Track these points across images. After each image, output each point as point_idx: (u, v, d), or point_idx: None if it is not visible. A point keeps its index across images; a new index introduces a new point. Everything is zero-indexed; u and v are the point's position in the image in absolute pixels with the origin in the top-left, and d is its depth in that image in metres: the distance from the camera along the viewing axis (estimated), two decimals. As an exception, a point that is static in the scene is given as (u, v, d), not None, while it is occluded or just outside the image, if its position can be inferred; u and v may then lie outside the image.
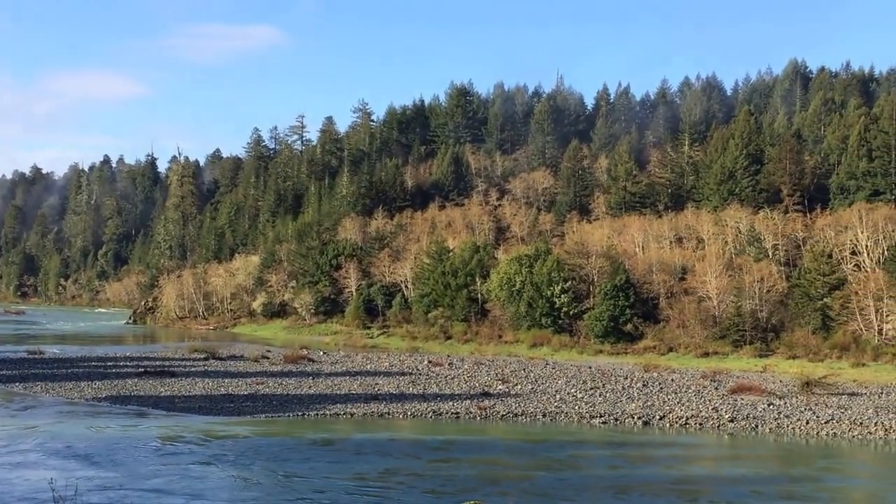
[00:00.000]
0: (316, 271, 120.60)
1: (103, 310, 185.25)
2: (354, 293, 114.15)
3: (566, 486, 35.67)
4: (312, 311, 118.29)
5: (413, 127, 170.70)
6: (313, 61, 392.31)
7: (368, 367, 72.28)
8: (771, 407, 51.79)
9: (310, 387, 59.90)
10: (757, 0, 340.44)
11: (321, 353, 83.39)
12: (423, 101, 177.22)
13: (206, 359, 76.91)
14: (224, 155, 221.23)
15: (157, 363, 73.11)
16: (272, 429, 46.12)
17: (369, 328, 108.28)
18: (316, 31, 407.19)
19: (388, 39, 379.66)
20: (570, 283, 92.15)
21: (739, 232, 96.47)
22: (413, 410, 50.93)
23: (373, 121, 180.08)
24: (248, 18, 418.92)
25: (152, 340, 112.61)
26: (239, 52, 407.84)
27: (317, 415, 49.86)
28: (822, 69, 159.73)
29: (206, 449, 40.82)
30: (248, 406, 51.94)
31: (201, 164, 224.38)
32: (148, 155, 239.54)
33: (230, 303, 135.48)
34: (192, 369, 68.75)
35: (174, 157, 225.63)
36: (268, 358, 77.94)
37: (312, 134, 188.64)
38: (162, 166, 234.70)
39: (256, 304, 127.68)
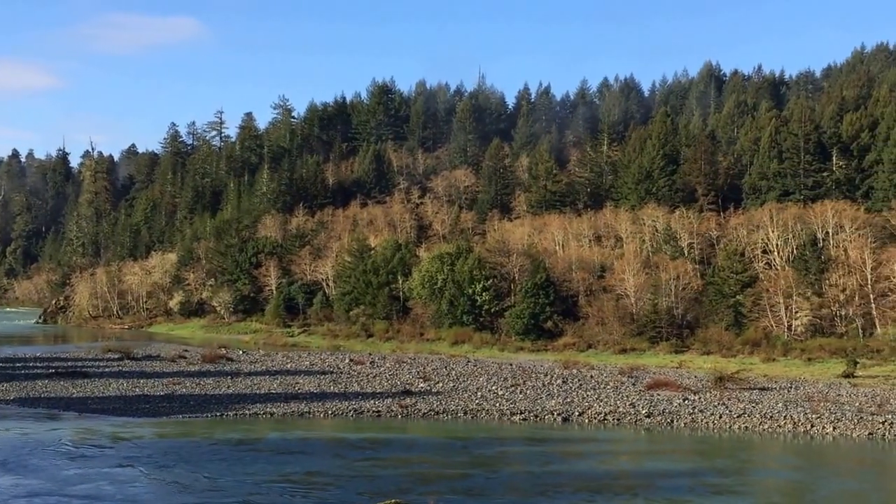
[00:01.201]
0: (235, 269, 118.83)
1: (12, 309, 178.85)
2: (275, 291, 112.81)
3: (497, 485, 35.87)
4: (231, 309, 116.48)
5: (334, 124, 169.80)
6: (233, 56, 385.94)
7: (289, 365, 71.51)
8: (686, 402, 53.00)
9: (228, 386, 59.00)
10: (674, 1, 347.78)
11: (240, 352, 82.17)
12: (344, 99, 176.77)
13: (120, 359, 75.04)
14: (140, 150, 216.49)
15: (69, 364, 70.96)
16: (190, 429, 45.29)
17: (290, 327, 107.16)
18: (236, 24, 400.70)
19: (309, 35, 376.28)
20: (491, 281, 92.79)
21: (656, 231, 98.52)
22: (334, 409, 50.61)
23: (293, 117, 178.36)
24: (168, 10, 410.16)
25: (64, 340, 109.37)
26: (157, 45, 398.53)
27: (236, 415, 49.13)
28: (736, 72, 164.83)
29: (123, 451, 39.85)
30: (164, 407, 50.88)
31: (116, 159, 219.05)
32: (59, 149, 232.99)
33: (146, 301, 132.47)
34: (106, 370, 67.00)
35: (87, 151, 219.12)
36: (185, 357, 76.46)
37: (232, 130, 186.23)
38: (74, 161, 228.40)
39: (173, 303, 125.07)
